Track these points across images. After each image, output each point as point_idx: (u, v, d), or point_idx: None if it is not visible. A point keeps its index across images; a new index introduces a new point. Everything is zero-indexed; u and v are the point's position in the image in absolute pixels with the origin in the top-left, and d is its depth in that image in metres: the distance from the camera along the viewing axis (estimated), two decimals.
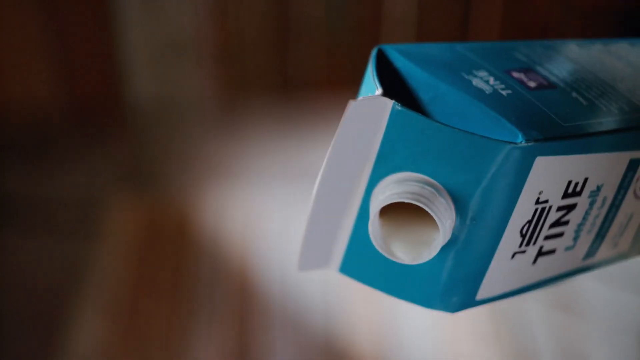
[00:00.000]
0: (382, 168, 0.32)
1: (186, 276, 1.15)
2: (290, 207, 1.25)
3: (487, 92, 0.33)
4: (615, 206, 0.36)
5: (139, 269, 1.16)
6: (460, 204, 0.31)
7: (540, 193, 0.32)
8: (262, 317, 1.09)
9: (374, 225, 0.32)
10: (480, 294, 0.35)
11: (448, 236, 0.32)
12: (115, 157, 1.37)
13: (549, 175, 0.32)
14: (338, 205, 0.33)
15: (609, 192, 0.36)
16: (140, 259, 1.18)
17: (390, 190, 0.31)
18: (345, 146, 0.31)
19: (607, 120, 0.34)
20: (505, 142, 0.30)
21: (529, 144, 0.31)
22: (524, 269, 0.35)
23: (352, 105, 0.30)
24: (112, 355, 1.04)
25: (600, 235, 0.37)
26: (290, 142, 1.39)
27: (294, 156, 1.36)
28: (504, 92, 0.33)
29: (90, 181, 1.32)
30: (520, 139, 0.31)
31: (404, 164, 0.31)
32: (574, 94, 0.35)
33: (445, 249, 0.32)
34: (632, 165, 0.35)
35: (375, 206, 0.32)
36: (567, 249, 0.36)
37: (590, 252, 0.38)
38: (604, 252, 0.38)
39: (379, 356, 1.01)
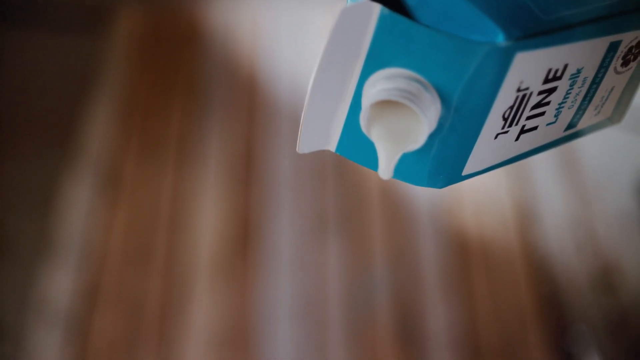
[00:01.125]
0: (372, 64, 0.34)
1: (197, 74, 1.18)
2: (299, 8, 1.25)
3: None
4: (596, 83, 0.39)
5: (151, 67, 1.19)
6: (445, 97, 0.34)
7: (521, 82, 0.35)
8: (269, 113, 1.13)
9: (365, 119, 0.34)
10: (466, 171, 0.38)
11: (433, 127, 0.34)
12: None
13: (529, 67, 0.34)
14: (333, 95, 0.36)
15: (589, 73, 0.37)
16: (152, 58, 1.21)
17: (381, 85, 0.34)
18: (338, 46, 0.33)
19: (588, 9, 0.35)
20: (486, 43, 0.32)
21: (509, 43, 0.32)
22: (508, 145, 0.38)
23: (342, 10, 0.32)
24: (123, 153, 1.09)
25: (582, 109, 0.40)
26: None
27: None
28: None
29: None
30: (501, 38, 0.32)
31: (392, 61, 0.34)
32: None
33: (431, 135, 0.35)
34: (612, 47, 0.37)
35: (366, 101, 0.34)
36: (549, 124, 0.39)
37: (572, 124, 0.40)
38: (585, 122, 0.41)
39: None
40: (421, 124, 0.34)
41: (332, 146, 0.38)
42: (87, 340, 0.93)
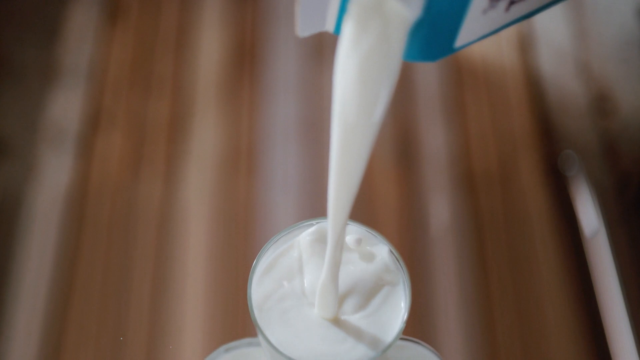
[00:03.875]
0: None
1: None
2: None
3: None
4: None
5: None
6: None
7: None
8: None
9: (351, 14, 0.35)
10: (458, 43, 0.39)
11: (418, 14, 0.35)
12: None
13: None
14: None
15: None
16: None
17: None
18: None
19: None
20: None
21: None
22: (498, 17, 0.39)
23: None
24: None
25: None
26: None
27: None
28: None
29: None
30: None
31: None
32: None
33: (419, 21, 0.36)
34: None
35: None
36: None
37: None
38: None
39: None
40: (406, 14, 0.35)
41: (330, 28, 0.39)
42: (94, 159, 0.96)
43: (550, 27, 1.05)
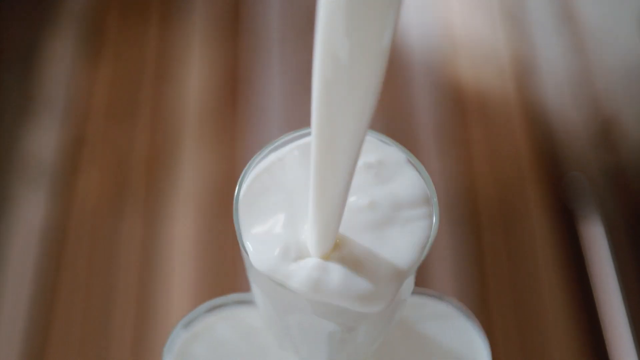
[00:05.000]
0: None
1: None
2: None
3: None
4: None
5: None
6: None
7: None
8: None
9: None
10: None
11: None
12: None
13: None
14: None
15: None
16: None
17: None
18: None
19: None
20: None
21: None
22: None
23: None
24: (106, 6, 1.07)
25: None
26: None
27: None
28: None
29: None
30: None
31: None
32: None
33: None
34: None
35: None
36: None
37: None
38: None
39: None
40: None
41: None
42: (73, 196, 0.92)
43: (550, 53, 1.02)
